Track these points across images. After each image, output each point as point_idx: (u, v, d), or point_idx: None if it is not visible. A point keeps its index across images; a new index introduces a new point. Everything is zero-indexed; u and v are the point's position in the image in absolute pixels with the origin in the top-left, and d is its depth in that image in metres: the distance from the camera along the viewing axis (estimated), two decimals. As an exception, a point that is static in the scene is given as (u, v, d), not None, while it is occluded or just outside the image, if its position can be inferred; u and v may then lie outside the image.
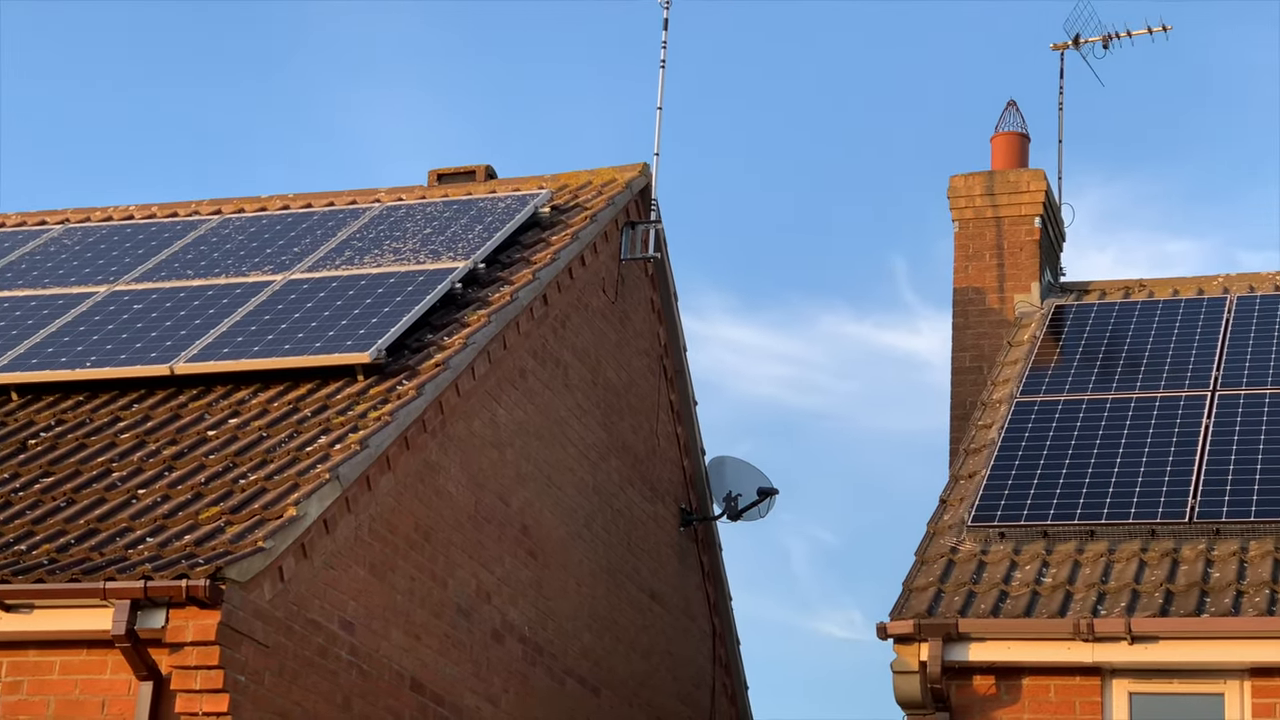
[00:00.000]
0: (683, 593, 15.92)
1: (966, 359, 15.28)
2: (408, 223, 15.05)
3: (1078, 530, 11.72)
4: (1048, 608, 10.97)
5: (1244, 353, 13.60)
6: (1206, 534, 11.49)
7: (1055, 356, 14.08)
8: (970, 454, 13.08)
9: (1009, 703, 10.93)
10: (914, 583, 11.50)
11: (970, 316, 15.41)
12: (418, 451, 11.95)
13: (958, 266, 15.60)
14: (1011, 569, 11.51)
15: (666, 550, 15.65)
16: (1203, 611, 10.68)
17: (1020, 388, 13.58)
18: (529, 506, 13.39)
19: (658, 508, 15.52)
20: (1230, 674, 10.64)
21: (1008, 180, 15.65)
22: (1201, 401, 12.95)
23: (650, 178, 15.47)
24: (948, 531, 12.09)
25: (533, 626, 13.31)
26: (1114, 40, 16.35)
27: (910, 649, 10.94)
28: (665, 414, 15.75)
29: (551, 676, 13.51)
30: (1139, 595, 10.95)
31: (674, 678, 15.57)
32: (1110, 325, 14.47)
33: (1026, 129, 15.95)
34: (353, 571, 11.20)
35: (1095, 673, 10.83)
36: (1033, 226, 15.52)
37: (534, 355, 13.60)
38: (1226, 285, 15.32)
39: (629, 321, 15.21)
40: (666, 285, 15.76)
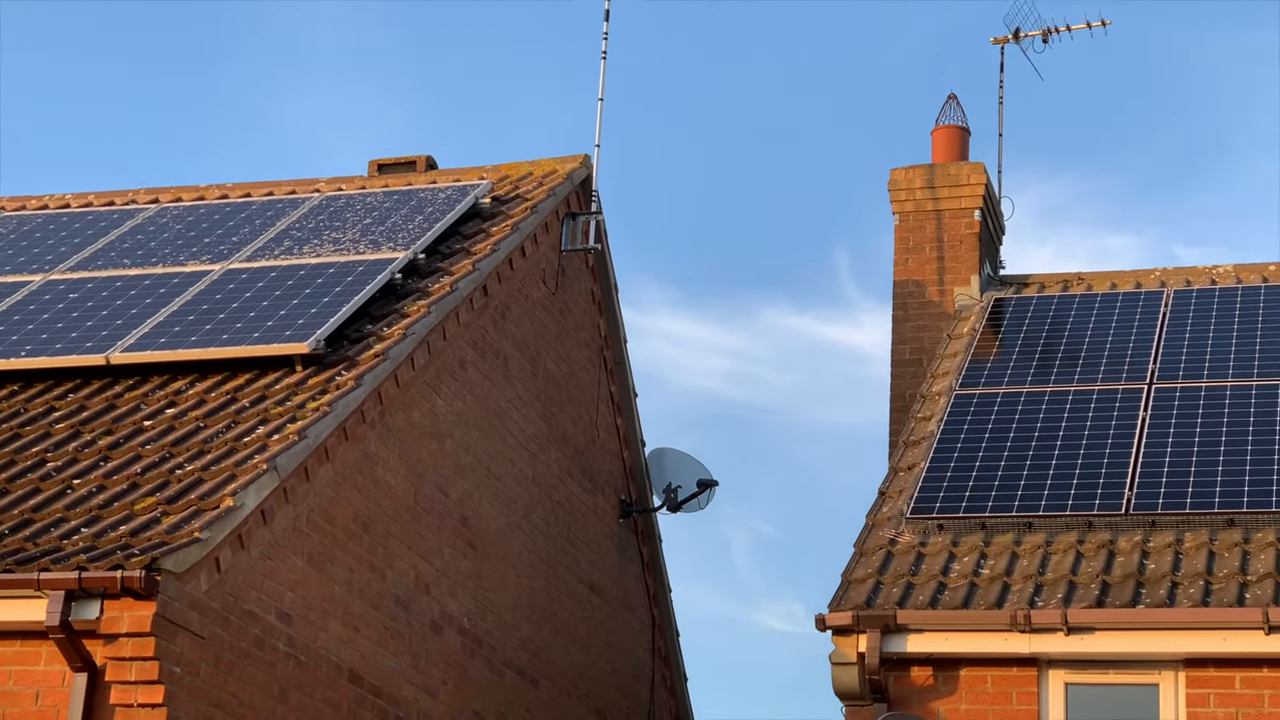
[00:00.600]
0: (622, 584, 15.92)
1: (906, 352, 15.32)
2: (347, 213, 14.99)
3: (1015, 522, 11.77)
4: (985, 599, 11.02)
5: (1180, 346, 13.70)
6: (1142, 526, 11.56)
7: (994, 349, 14.14)
8: (909, 446, 13.12)
9: (946, 693, 10.97)
10: (852, 574, 11.53)
11: (910, 309, 15.45)
12: (356, 442, 11.90)
13: (898, 259, 15.65)
14: (950, 561, 11.55)
15: (606, 542, 15.64)
16: (1138, 603, 10.74)
17: (959, 380, 13.63)
18: (468, 498, 13.35)
19: (597, 499, 15.51)
20: (1165, 665, 10.71)
21: (948, 173, 15.71)
22: (1138, 394, 13.03)
23: (591, 169, 15.45)
24: (886, 523, 12.12)
25: (472, 618, 13.27)
26: (1054, 35, 16.43)
27: (849, 640, 10.97)
28: (605, 405, 15.74)
29: (490, 668, 13.48)
30: (1075, 586, 11.00)
31: (613, 669, 15.57)
32: (1049, 318, 14.54)
33: (967, 123, 16.02)
34: (290, 562, 11.14)
35: (1032, 663, 10.88)
36: (973, 220, 15.58)
37: (474, 346, 13.57)
38: (1164, 279, 15.42)
39: (569, 313, 15.19)
40: (607, 277, 15.74)
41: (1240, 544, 11.20)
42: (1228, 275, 15.32)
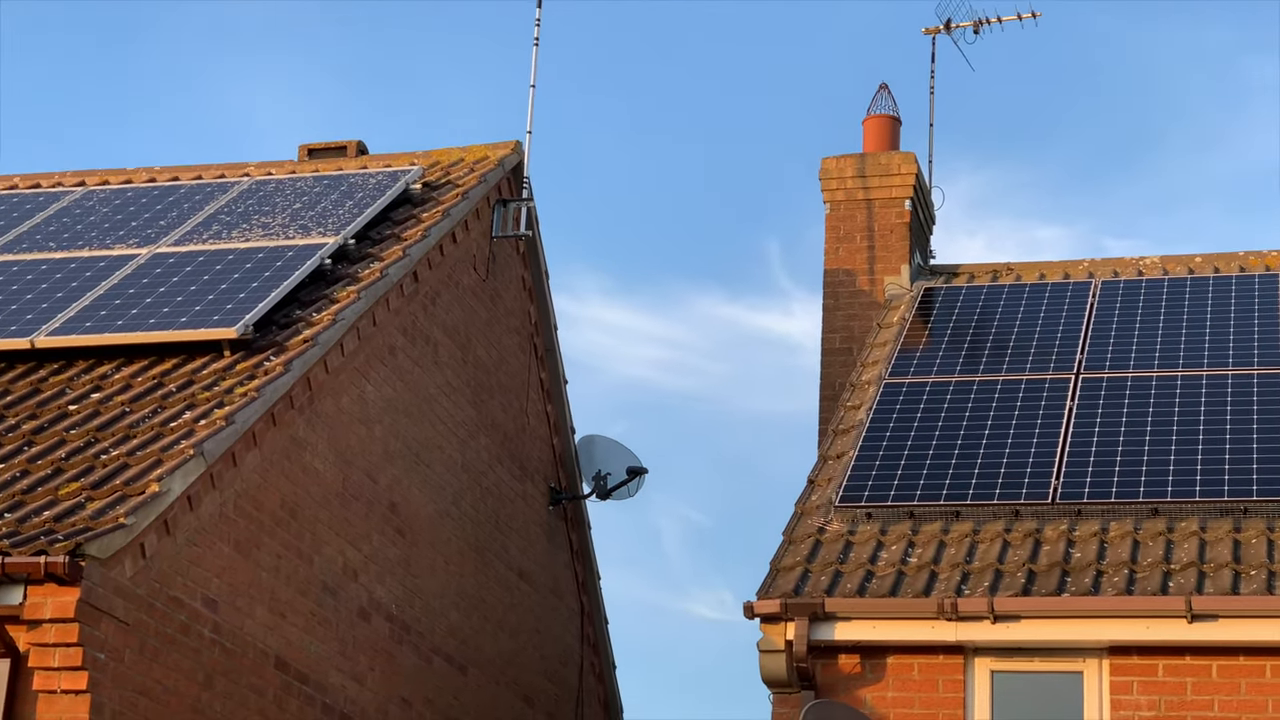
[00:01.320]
0: (551, 571, 15.90)
1: (836, 340, 15.36)
2: (277, 198, 14.90)
3: (943, 511, 11.83)
4: (913, 587, 11.06)
5: (1107, 336, 13.79)
6: (1068, 515, 11.63)
7: (924, 338, 14.20)
8: (839, 435, 13.16)
9: (873, 681, 11.02)
10: (781, 562, 11.55)
11: (840, 298, 15.49)
12: (285, 428, 11.84)
13: (828, 248, 15.68)
14: (878, 549, 11.59)
15: (535, 529, 15.62)
16: (1063, 591, 10.81)
17: (889, 369, 13.68)
18: (397, 484, 13.31)
19: (527, 486, 15.49)
20: (1089, 653, 10.79)
21: (879, 163, 15.75)
22: (1066, 384, 13.11)
23: (523, 155, 15.41)
24: (815, 512, 12.16)
25: (400, 604, 13.23)
26: (985, 26, 16.49)
27: (777, 628, 11.00)
28: (535, 392, 15.72)
29: (418, 654, 13.45)
30: (1002, 575, 11.07)
31: (541, 656, 15.55)
32: (978, 308, 14.61)
33: (898, 112, 16.06)
34: (217, 548, 11.07)
35: (958, 651, 10.94)
36: (903, 209, 15.63)
37: (404, 332, 13.52)
38: (1092, 270, 15.51)
39: (500, 299, 15.15)
40: (538, 263, 15.71)
41: (1164, 533, 11.30)
42: (1154, 267, 15.43)
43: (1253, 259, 15.30)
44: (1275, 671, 10.49)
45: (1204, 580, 10.74)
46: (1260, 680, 10.50)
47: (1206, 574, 10.81)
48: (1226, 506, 11.41)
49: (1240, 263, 15.26)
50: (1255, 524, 11.26)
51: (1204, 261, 15.39)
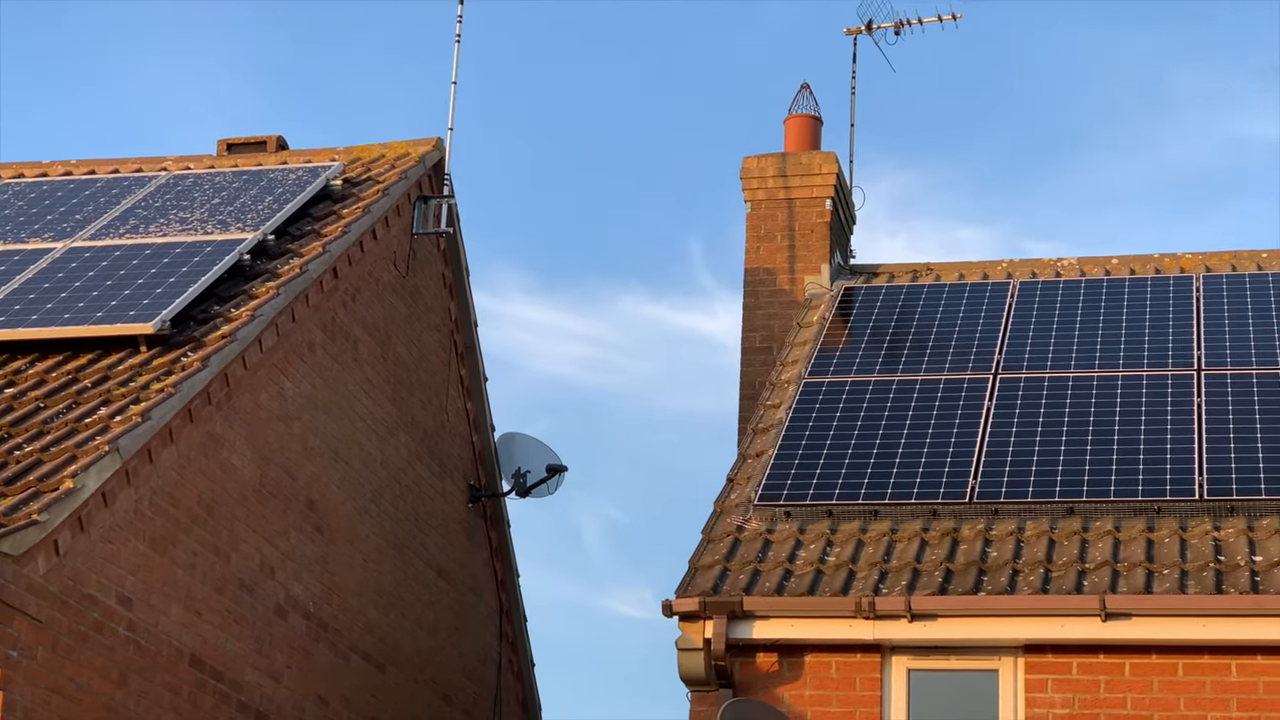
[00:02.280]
0: (470, 569, 15.87)
1: (756, 339, 15.40)
2: (195, 192, 14.79)
3: (861, 510, 11.88)
4: (831, 586, 11.11)
5: (1025, 337, 13.88)
6: (985, 514, 11.71)
7: (843, 338, 14.25)
8: (758, 433, 13.19)
9: (791, 679, 11.05)
10: (700, 561, 11.57)
11: (761, 297, 15.53)
12: (202, 424, 11.75)
13: (749, 247, 15.71)
14: (796, 548, 11.63)
15: (454, 526, 15.58)
16: (980, 590, 10.89)
17: (808, 368, 13.73)
18: (316, 481, 13.24)
19: (446, 483, 15.44)
20: (1005, 651, 10.86)
21: (800, 162, 15.79)
22: (984, 384, 13.20)
23: (444, 152, 15.36)
24: (734, 510, 12.18)
25: (317, 602, 13.17)
26: (906, 27, 16.57)
27: (695, 626, 11.02)
28: (455, 390, 15.67)
29: (335, 652, 13.38)
30: (919, 574, 11.13)
31: (460, 654, 15.52)
32: (898, 308, 14.68)
33: (819, 112, 16.11)
34: (132, 546, 10.98)
35: (876, 650, 10.99)
36: (824, 209, 15.68)
37: (323, 328, 13.45)
38: (1010, 271, 15.62)
39: (420, 296, 15.10)
40: (459, 260, 15.67)
41: (1079, 532, 11.39)
42: (1072, 268, 15.55)
43: (1168, 261, 15.45)
44: (1187, 670, 10.61)
45: (1118, 579, 10.84)
46: (1172, 678, 10.61)
47: (1120, 573, 10.91)
48: (1140, 506, 11.52)
49: (1156, 265, 15.41)
50: (1168, 523, 11.38)
51: (1120, 263, 15.52)
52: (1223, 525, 11.30)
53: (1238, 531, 11.20)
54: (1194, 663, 10.61)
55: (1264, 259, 15.28)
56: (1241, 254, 15.42)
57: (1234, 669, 10.56)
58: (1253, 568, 10.81)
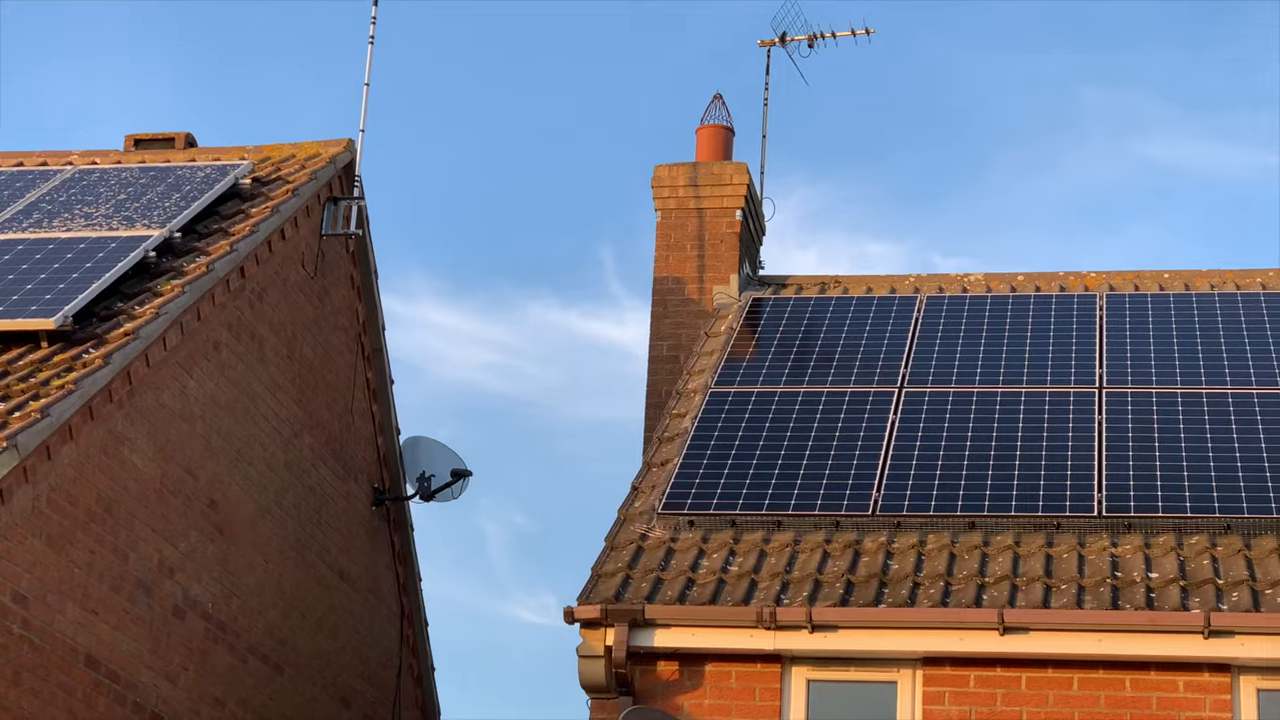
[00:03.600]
0: (372, 573, 15.79)
1: (664, 348, 15.42)
2: (101, 187, 14.64)
3: (765, 520, 11.92)
4: (732, 596, 11.13)
5: (931, 351, 13.98)
6: (888, 527, 11.77)
7: (751, 348, 14.29)
8: (663, 442, 13.21)
9: (691, 688, 11.07)
10: (603, 568, 11.57)
11: (669, 306, 15.55)
12: (102, 422, 11.63)
13: (659, 256, 15.74)
14: (699, 557, 11.65)
15: (357, 529, 15.50)
16: (880, 602, 10.94)
17: (715, 378, 13.76)
18: (217, 481, 13.14)
19: (350, 486, 15.36)
20: (904, 663, 10.93)
21: (711, 172, 15.83)
22: (889, 397, 13.27)
23: (355, 154, 15.29)
24: (638, 518, 12.19)
25: (216, 603, 13.06)
26: (819, 40, 16.64)
27: (596, 634, 11.01)
28: (361, 392, 15.60)
29: (233, 654, 13.28)
30: (821, 585, 11.17)
31: (360, 658, 15.43)
32: (805, 320, 14.74)
33: (732, 123, 16.16)
34: (28, 544, 10.85)
35: (776, 660, 11.03)
36: (734, 219, 15.73)
37: (229, 328, 13.35)
38: (918, 285, 15.72)
39: (328, 298, 15.02)
40: (368, 263, 15.60)
41: (980, 546, 11.47)
42: (979, 283, 15.67)
43: (1073, 279, 15.60)
44: (1082, 684, 10.71)
45: (1016, 593, 10.93)
46: (1068, 692, 10.72)
47: (1019, 587, 11.00)
48: (1040, 522, 11.62)
49: (1061, 282, 15.55)
50: (1067, 539, 11.48)
51: (1026, 280, 15.66)
52: (1120, 542, 11.42)
53: (1135, 548, 11.33)
54: (1089, 677, 10.72)
55: (1166, 279, 15.47)
56: (1144, 274, 15.59)
57: (1128, 684, 10.68)
58: (1148, 584, 10.93)
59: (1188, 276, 15.48)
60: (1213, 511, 11.46)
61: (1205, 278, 15.44)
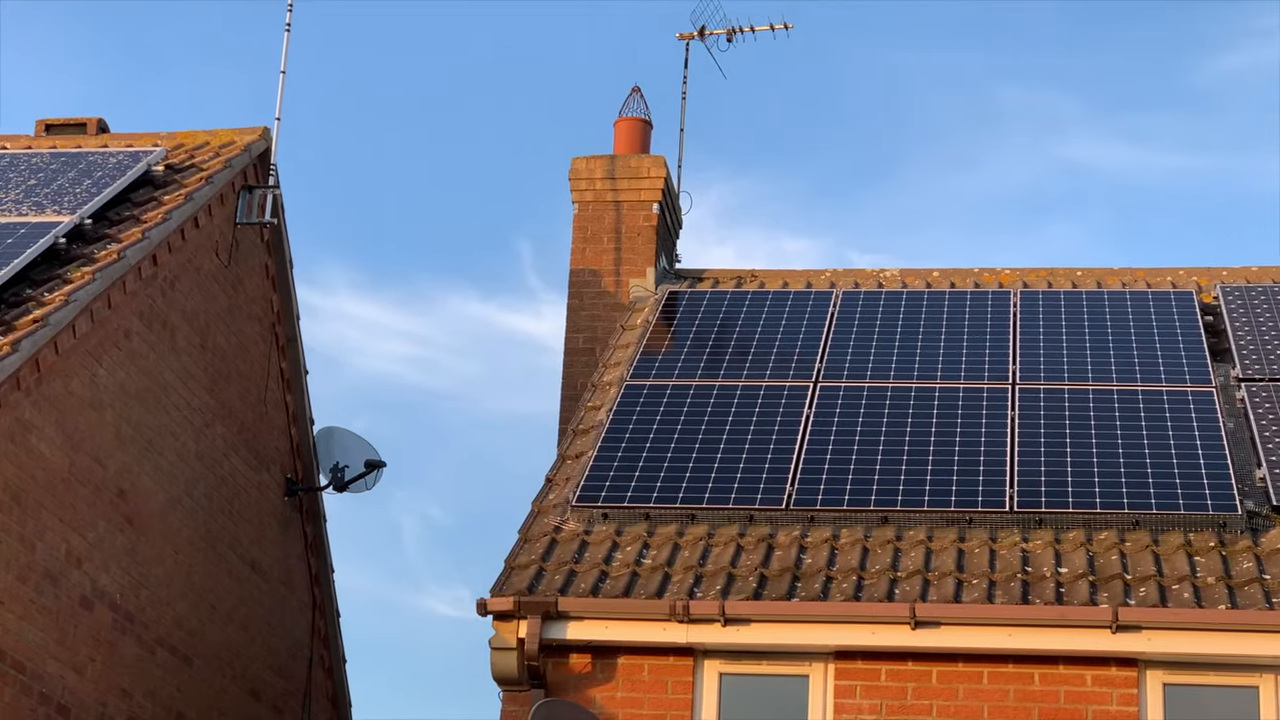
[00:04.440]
0: (284, 564, 15.68)
1: (580, 341, 15.40)
2: (10, 173, 14.46)
3: (679, 514, 11.92)
4: (646, 589, 11.13)
5: (846, 346, 14.02)
6: (802, 521, 11.80)
7: (666, 342, 14.29)
8: (578, 435, 13.18)
9: (603, 681, 11.06)
10: (516, 560, 11.54)
11: (585, 298, 15.53)
12: (10, 410, 11.49)
13: (575, 248, 15.71)
14: (613, 550, 11.64)
15: (269, 520, 15.39)
16: (793, 596, 10.97)
17: (630, 371, 13.75)
18: (127, 470, 13.01)
19: (263, 476, 15.25)
20: (816, 657, 10.96)
21: (628, 165, 15.82)
22: (804, 392, 13.31)
23: (270, 142, 15.17)
24: (552, 511, 12.16)
25: (124, 593, 12.93)
26: (738, 34, 16.66)
27: (509, 626, 10.99)
28: (275, 382, 15.48)
29: (141, 645, 13.15)
30: (734, 579, 11.19)
31: (270, 649, 15.32)
32: (721, 313, 14.75)
33: (650, 116, 16.15)
34: (-67, 532, 10.71)
35: (688, 653, 11.03)
36: (651, 212, 15.72)
37: (140, 316, 13.22)
38: (834, 280, 15.76)
39: (242, 287, 14.90)
40: (283, 252, 15.48)
41: (893, 541, 11.52)
42: (894, 279, 15.74)
43: (987, 276, 15.69)
44: (992, 678, 10.77)
45: (928, 588, 10.98)
46: (978, 686, 10.78)
47: (931, 582, 11.05)
48: (953, 517, 11.68)
49: (976, 279, 15.64)
50: (979, 534, 11.55)
51: (942, 276, 15.73)
52: (1031, 537, 11.50)
53: (1045, 543, 11.41)
54: (999, 671, 10.79)
55: (1079, 277, 15.58)
56: (1058, 271, 15.70)
57: (1037, 678, 10.75)
58: (1058, 579, 11.00)
59: (1100, 274, 15.61)
60: (1122, 508, 11.56)
61: (1118, 275, 15.57)
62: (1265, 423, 12.53)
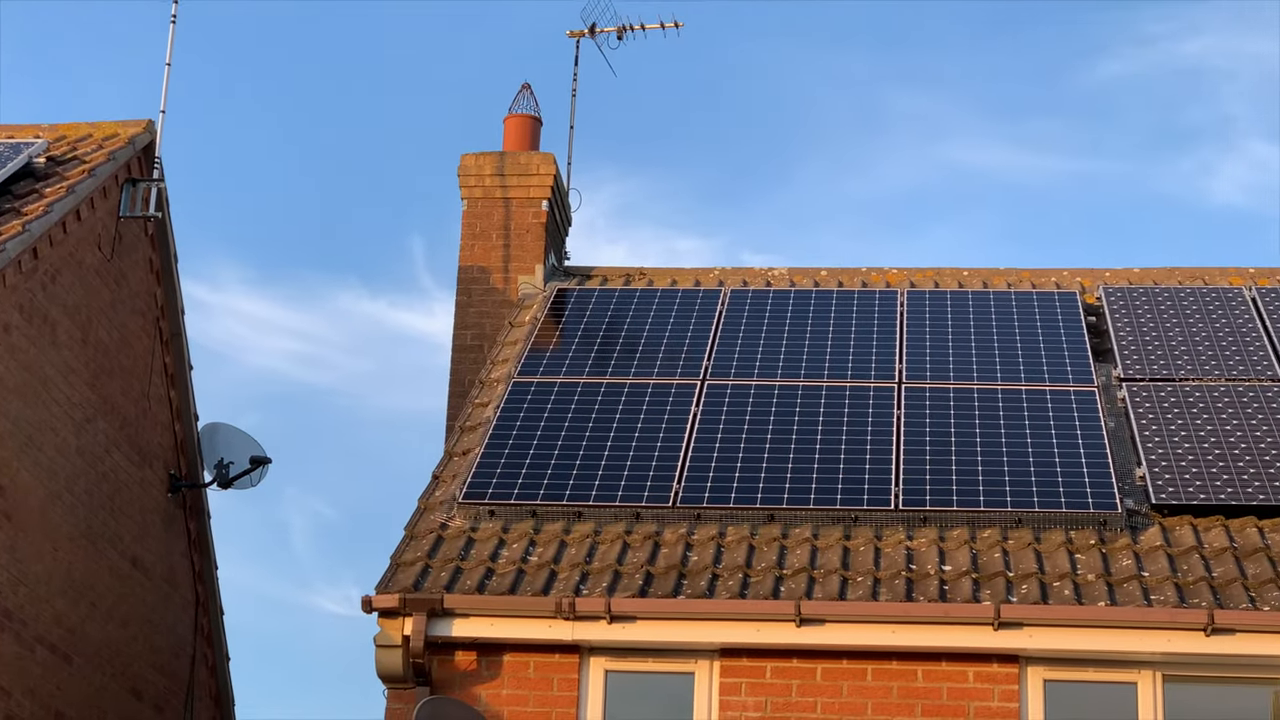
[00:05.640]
0: (167, 561, 15.51)
1: (468, 337, 15.34)
2: (-111, 162, 14.20)
3: (566, 511, 11.90)
4: (532, 586, 11.11)
5: (734, 344, 14.06)
6: (688, 518, 11.82)
7: (554, 339, 14.27)
8: (465, 431, 13.14)
9: (489, 678, 11.03)
10: (402, 557, 11.48)
11: (474, 295, 15.48)
12: (-115, 403, 11.29)
13: (464, 245, 15.65)
14: (499, 547, 11.61)
15: (152, 516, 15.22)
16: (679, 593, 10.99)
17: (518, 368, 13.71)
18: (5, 466, 12.81)
19: (146, 472, 15.07)
20: (701, 654, 10.98)
21: (518, 162, 15.78)
22: (691, 390, 13.33)
23: (155, 135, 14.99)
24: (439, 508, 12.11)
25: (2, 591, 12.74)
26: (628, 32, 16.66)
27: (395, 623, 10.94)
28: (159, 377, 15.31)
29: (20, 643, 12.96)
30: (620, 576, 11.19)
31: (152, 647, 15.15)
32: (609, 311, 14.75)
33: (540, 113, 16.11)
34: None
35: (574, 650, 11.02)
36: (540, 209, 15.69)
37: (20, 310, 13.02)
38: (722, 279, 15.80)
39: (125, 281, 14.72)
40: (167, 246, 15.31)
41: (779, 539, 11.57)
42: (782, 278, 15.80)
43: (874, 275, 15.79)
44: (876, 675, 10.84)
45: (814, 586, 11.04)
46: (862, 683, 10.84)
47: (816, 579, 11.10)
48: (839, 514, 11.74)
49: (863, 278, 15.73)
50: (864, 532, 11.62)
51: (830, 276, 15.82)
52: (916, 535, 11.59)
53: (929, 541, 11.49)
54: (883, 668, 10.86)
55: (965, 277, 15.71)
56: (944, 271, 15.83)
57: (920, 675, 10.83)
58: (942, 577, 11.09)
59: (986, 274, 15.75)
60: (1005, 506, 11.66)
61: (1003, 276, 15.72)
62: (1145, 422, 12.69)
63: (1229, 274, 15.50)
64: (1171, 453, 12.25)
